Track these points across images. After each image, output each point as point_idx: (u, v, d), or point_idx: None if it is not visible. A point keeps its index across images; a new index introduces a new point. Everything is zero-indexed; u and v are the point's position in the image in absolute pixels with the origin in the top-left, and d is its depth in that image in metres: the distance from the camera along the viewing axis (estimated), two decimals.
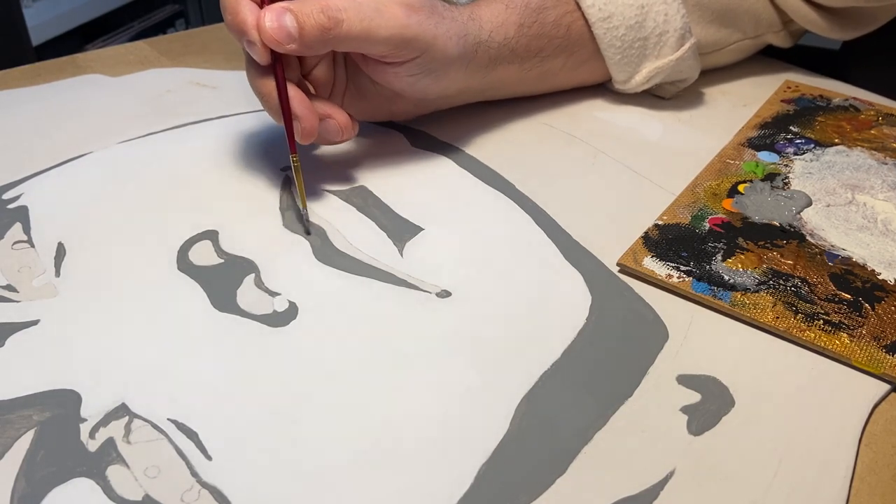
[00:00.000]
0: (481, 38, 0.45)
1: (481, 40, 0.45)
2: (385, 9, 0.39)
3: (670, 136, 0.50)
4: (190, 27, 1.90)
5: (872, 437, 0.31)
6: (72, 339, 0.34)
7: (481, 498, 0.28)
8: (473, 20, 0.45)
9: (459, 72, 0.45)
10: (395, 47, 0.40)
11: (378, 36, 0.39)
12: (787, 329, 0.35)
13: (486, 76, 0.47)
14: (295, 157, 0.40)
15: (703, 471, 0.29)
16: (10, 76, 0.57)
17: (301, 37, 0.37)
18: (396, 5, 0.40)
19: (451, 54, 0.43)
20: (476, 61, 0.46)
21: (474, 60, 0.45)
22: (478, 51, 0.45)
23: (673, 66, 0.50)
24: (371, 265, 0.38)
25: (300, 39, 0.37)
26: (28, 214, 0.41)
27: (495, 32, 0.46)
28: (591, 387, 0.32)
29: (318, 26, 0.37)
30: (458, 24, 0.44)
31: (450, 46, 0.43)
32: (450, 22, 0.43)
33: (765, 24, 0.54)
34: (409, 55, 0.41)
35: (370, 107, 0.47)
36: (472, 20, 0.45)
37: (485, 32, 0.46)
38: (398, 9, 0.40)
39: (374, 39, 0.39)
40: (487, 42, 0.46)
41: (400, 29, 0.40)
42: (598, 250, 0.40)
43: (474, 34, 0.45)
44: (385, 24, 0.39)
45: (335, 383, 0.32)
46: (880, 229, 0.41)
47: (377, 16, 0.39)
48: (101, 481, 0.28)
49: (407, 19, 0.40)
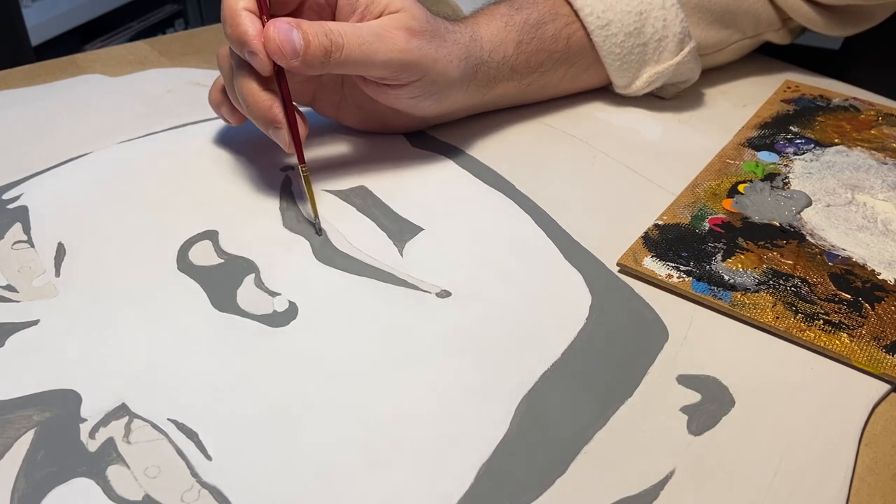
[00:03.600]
0: (482, 58, 0.45)
1: (482, 60, 0.45)
2: (385, 33, 0.39)
3: (670, 137, 0.50)
4: (189, 27, 1.90)
5: (872, 437, 0.31)
6: (72, 339, 0.34)
7: (481, 498, 0.28)
8: (475, 41, 0.45)
9: (460, 93, 0.45)
10: (395, 71, 0.40)
11: (377, 60, 0.39)
12: (787, 329, 0.35)
13: (485, 94, 0.47)
14: (304, 167, 0.40)
15: (703, 471, 0.29)
16: (9, 76, 0.56)
17: (305, 54, 0.37)
18: (397, 30, 0.40)
19: (453, 77, 0.43)
20: (476, 81, 0.46)
21: (474, 81, 0.46)
22: (478, 71, 0.45)
23: (673, 70, 0.50)
24: (371, 265, 0.38)
25: (303, 57, 0.37)
26: (28, 214, 0.41)
27: (495, 52, 0.46)
28: (591, 387, 0.32)
29: (321, 47, 0.38)
30: (460, 46, 0.44)
31: (450, 70, 0.43)
32: (451, 45, 0.43)
33: (764, 23, 0.54)
34: (410, 79, 0.41)
35: (367, 119, 0.48)
36: (473, 42, 0.45)
37: (485, 52, 0.46)
38: (398, 33, 0.40)
39: (372, 64, 0.39)
40: (487, 62, 0.46)
41: (399, 53, 0.40)
42: (598, 250, 0.40)
43: (476, 56, 0.45)
44: (384, 48, 0.39)
45: (335, 383, 0.32)
46: (880, 229, 0.41)
47: (376, 40, 0.39)
48: (101, 481, 0.28)
49: (406, 44, 0.40)
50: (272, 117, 0.38)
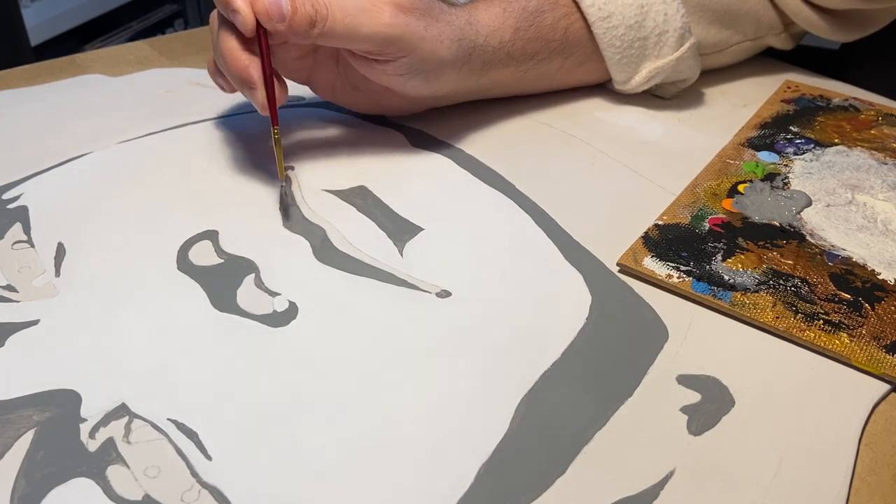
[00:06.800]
0: (477, 42, 0.45)
1: (477, 44, 0.46)
2: (372, 8, 0.40)
3: (670, 136, 0.50)
4: (189, 27, 1.90)
5: (872, 437, 0.31)
6: (72, 339, 0.34)
7: (481, 498, 0.28)
8: (471, 24, 0.45)
9: (452, 74, 0.45)
10: (379, 45, 0.41)
11: (360, 33, 0.40)
12: (787, 329, 0.35)
13: (480, 78, 0.48)
14: (276, 129, 0.41)
15: (703, 471, 0.29)
16: (9, 76, 0.56)
17: (291, 20, 0.38)
18: (385, 4, 0.40)
19: (443, 57, 0.43)
20: (470, 64, 0.46)
21: (468, 64, 0.46)
22: (472, 54, 0.45)
23: (673, 65, 0.50)
24: (371, 265, 0.38)
25: (289, 22, 0.38)
26: (28, 214, 0.41)
27: (491, 36, 0.46)
28: (591, 387, 0.32)
29: (306, 16, 0.38)
30: (454, 27, 0.44)
31: (440, 49, 0.43)
32: (444, 25, 0.43)
33: (765, 26, 0.54)
34: (396, 54, 0.42)
35: (362, 99, 0.48)
36: (469, 24, 0.45)
37: (481, 36, 0.46)
38: (385, 8, 0.40)
39: (356, 37, 0.40)
40: (483, 46, 0.46)
41: (384, 28, 0.40)
42: (598, 250, 0.40)
43: (470, 38, 0.45)
44: (368, 22, 0.40)
45: (335, 383, 0.32)
46: (880, 229, 0.41)
47: (361, 14, 0.40)
48: (101, 481, 0.28)
49: (392, 18, 0.40)
50: (247, 77, 0.39)
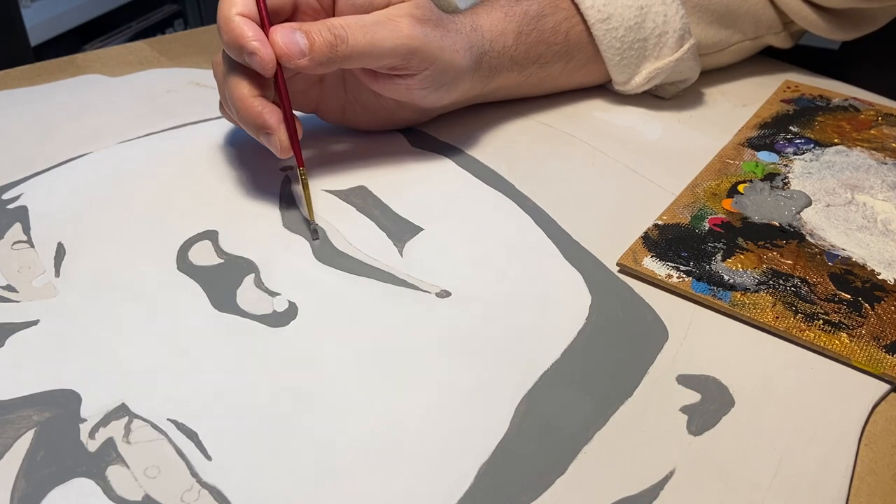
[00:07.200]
0: (485, 48, 0.46)
1: (484, 50, 0.46)
2: (389, 21, 0.40)
3: (670, 137, 0.50)
4: (189, 27, 1.90)
5: (872, 437, 0.31)
6: (72, 339, 0.34)
7: (481, 498, 0.28)
8: (476, 31, 0.45)
9: (467, 82, 0.45)
10: (402, 58, 0.40)
11: (384, 48, 0.39)
12: (787, 329, 0.35)
13: (486, 84, 0.48)
14: (303, 170, 0.40)
15: (703, 471, 0.29)
16: (9, 76, 0.56)
17: (311, 52, 0.38)
18: (401, 17, 0.40)
19: (460, 66, 0.43)
20: (480, 71, 0.46)
21: (479, 71, 0.46)
22: (482, 61, 0.46)
23: (672, 66, 0.50)
24: (371, 265, 0.38)
25: (311, 55, 0.38)
26: (28, 214, 0.41)
27: (495, 42, 0.46)
28: (591, 387, 0.32)
29: (326, 43, 0.38)
30: (463, 36, 0.44)
31: (457, 59, 0.43)
32: (455, 35, 0.43)
33: (765, 26, 0.54)
34: (419, 67, 0.41)
35: (373, 118, 0.48)
36: (474, 31, 0.45)
37: (486, 42, 0.46)
38: (403, 20, 0.40)
39: (379, 52, 0.39)
40: (489, 52, 0.46)
41: (405, 39, 0.40)
42: (598, 250, 0.40)
43: (478, 45, 0.45)
44: (389, 35, 0.39)
45: (335, 383, 0.32)
46: (880, 229, 0.41)
47: (380, 28, 0.39)
48: (101, 481, 0.28)
49: (411, 30, 0.40)
50: (262, 123, 0.38)
